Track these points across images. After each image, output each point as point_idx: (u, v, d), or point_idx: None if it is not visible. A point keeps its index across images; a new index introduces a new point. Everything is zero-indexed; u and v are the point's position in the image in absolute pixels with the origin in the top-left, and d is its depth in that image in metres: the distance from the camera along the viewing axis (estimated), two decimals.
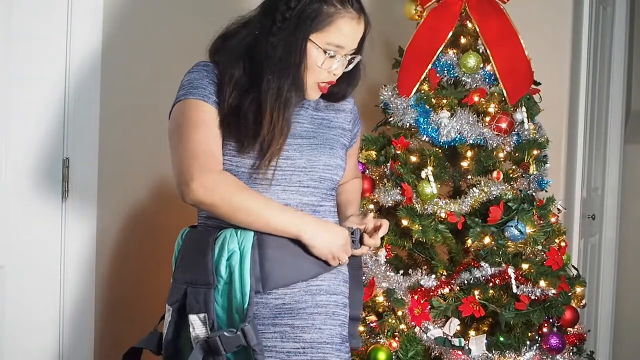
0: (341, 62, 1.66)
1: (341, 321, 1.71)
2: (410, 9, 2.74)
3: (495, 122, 2.52)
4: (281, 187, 1.65)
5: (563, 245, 2.58)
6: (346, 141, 1.80)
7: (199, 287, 1.59)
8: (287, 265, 1.63)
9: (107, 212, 2.33)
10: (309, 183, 1.68)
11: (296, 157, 1.66)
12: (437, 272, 2.53)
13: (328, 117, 1.78)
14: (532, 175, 2.53)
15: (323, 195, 1.71)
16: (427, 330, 2.39)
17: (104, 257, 2.33)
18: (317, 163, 1.68)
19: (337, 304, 1.70)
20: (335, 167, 1.72)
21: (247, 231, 1.60)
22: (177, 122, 1.63)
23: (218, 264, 1.59)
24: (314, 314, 1.66)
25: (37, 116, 2.17)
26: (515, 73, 2.56)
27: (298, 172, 1.66)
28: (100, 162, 2.29)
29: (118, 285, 2.38)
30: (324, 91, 1.70)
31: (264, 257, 1.60)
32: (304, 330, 1.64)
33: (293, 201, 1.66)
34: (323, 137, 1.73)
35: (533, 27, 2.86)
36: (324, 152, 1.70)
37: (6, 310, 2.13)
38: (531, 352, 2.38)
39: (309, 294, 1.66)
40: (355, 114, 1.86)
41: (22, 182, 2.15)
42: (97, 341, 2.33)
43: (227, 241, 1.59)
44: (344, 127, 1.80)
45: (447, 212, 2.45)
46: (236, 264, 1.58)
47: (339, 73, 1.68)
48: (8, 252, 2.13)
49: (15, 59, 2.10)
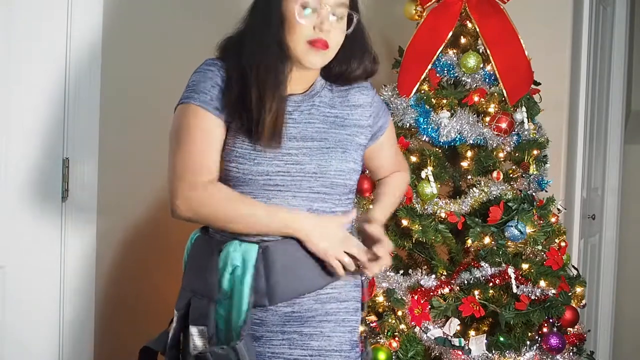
0: (326, 16, 1.55)
1: (351, 327, 1.67)
2: (410, 9, 2.74)
3: (495, 122, 2.52)
4: (291, 193, 1.59)
5: (563, 245, 2.58)
6: (363, 140, 1.70)
7: (202, 298, 1.57)
8: (294, 277, 1.58)
9: (107, 212, 2.33)
10: (320, 189, 1.61)
11: (305, 162, 1.59)
12: (437, 272, 2.53)
13: (342, 114, 1.68)
14: (532, 175, 2.53)
15: (336, 201, 1.64)
16: (427, 330, 2.39)
17: (103, 257, 2.33)
18: (328, 169, 1.60)
19: (348, 310, 1.66)
20: (348, 172, 1.63)
21: (251, 244, 1.56)
22: (175, 127, 1.61)
23: (221, 278, 1.55)
24: (323, 322, 1.62)
25: (37, 116, 2.17)
26: (515, 73, 2.56)
27: (308, 177, 1.59)
28: (100, 162, 2.29)
29: (118, 285, 2.38)
30: (324, 47, 1.56)
31: (270, 269, 1.55)
32: (312, 338, 1.61)
33: (303, 207, 1.59)
34: (335, 139, 1.63)
35: (533, 27, 2.86)
36: (335, 157, 1.61)
37: (6, 310, 2.13)
38: (531, 352, 2.38)
39: (318, 302, 1.62)
40: (377, 106, 1.74)
41: (22, 182, 2.15)
42: (97, 341, 2.32)
43: (231, 256, 1.55)
44: (360, 124, 1.69)
45: (447, 212, 2.45)
46: (238, 277, 1.54)
47: (328, 28, 1.55)
48: (8, 252, 2.13)
49: (15, 59, 2.10)
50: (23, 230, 2.15)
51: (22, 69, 2.12)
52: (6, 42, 2.08)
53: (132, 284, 2.42)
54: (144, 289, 2.45)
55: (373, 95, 1.74)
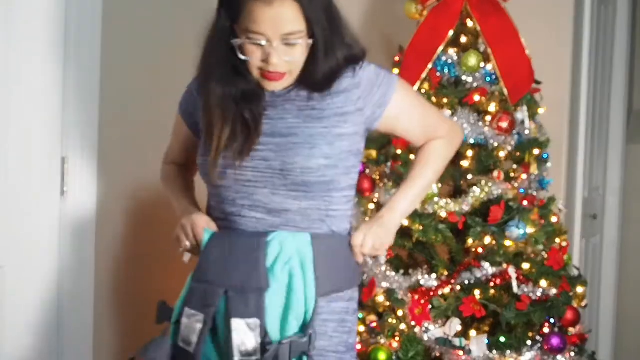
0: (272, 53, 1.49)
1: (349, 328, 1.63)
2: (410, 7, 2.73)
3: (496, 121, 2.52)
4: (269, 190, 1.56)
5: (564, 245, 2.57)
6: (349, 128, 1.58)
7: (248, 291, 1.50)
8: (338, 271, 1.58)
9: (106, 211, 2.32)
10: (294, 187, 1.55)
11: (271, 159, 1.55)
12: (438, 272, 2.52)
13: (321, 105, 1.57)
14: (533, 174, 2.53)
15: (330, 199, 1.58)
16: (427, 331, 2.39)
17: (102, 257, 2.32)
18: (294, 166, 1.54)
19: (348, 310, 1.63)
20: (317, 169, 1.54)
21: (303, 233, 1.55)
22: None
23: (273, 269, 1.51)
24: (328, 320, 1.59)
25: (35, 115, 2.17)
26: (516, 72, 2.56)
27: (277, 174, 1.55)
28: (99, 160, 2.29)
29: (117, 285, 2.38)
30: (276, 79, 1.53)
31: (318, 262, 1.54)
32: (317, 337, 1.55)
33: (292, 206, 1.56)
34: (306, 134, 1.55)
35: (534, 26, 2.85)
36: (300, 153, 1.53)
37: (6, 310, 2.13)
38: (532, 352, 2.38)
39: (325, 300, 1.57)
40: (369, 82, 1.59)
41: (20, 181, 2.14)
42: (97, 341, 2.32)
43: (284, 245, 1.53)
44: (344, 112, 1.57)
45: (447, 211, 2.45)
46: (297, 268, 1.51)
47: (276, 62, 1.49)
48: (7, 252, 2.13)
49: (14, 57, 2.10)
50: (22, 229, 2.15)
51: (21, 67, 2.12)
52: (5, 42, 2.08)
53: (131, 283, 2.42)
54: (144, 288, 2.44)
55: (361, 74, 1.59)
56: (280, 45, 1.49)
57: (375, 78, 1.61)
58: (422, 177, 1.71)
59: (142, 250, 2.44)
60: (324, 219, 1.59)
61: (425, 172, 1.72)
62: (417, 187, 1.71)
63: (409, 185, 1.70)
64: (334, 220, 1.61)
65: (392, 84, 1.62)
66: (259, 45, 1.50)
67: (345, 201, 1.63)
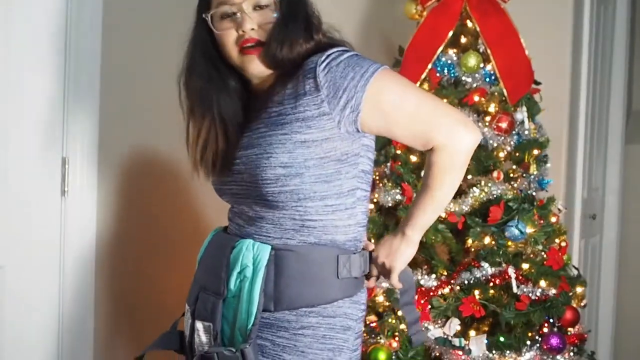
0: (244, 17, 1.49)
1: (334, 345, 1.51)
2: (410, 8, 2.74)
3: (495, 121, 2.52)
4: (251, 200, 1.53)
5: (563, 245, 2.57)
6: (311, 134, 1.44)
7: (210, 294, 1.53)
8: (305, 285, 1.49)
9: (107, 212, 2.33)
10: (265, 198, 1.48)
11: (243, 171, 1.51)
12: (437, 272, 2.53)
13: (286, 109, 1.46)
14: (532, 175, 2.53)
15: (304, 209, 1.48)
16: (427, 330, 2.39)
17: (103, 257, 2.33)
18: (256, 178, 1.47)
19: (332, 326, 1.51)
20: (276, 179, 1.45)
21: (265, 245, 1.49)
22: None
23: (230, 276, 1.50)
24: (298, 335, 1.50)
25: (36, 115, 2.17)
26: (516, 72, 2.56)
27: (251, 186, 1.50)
28: (100, 161, 2.29)
29: (118, 285, 2.38)
30: (253, 52, 1.49)
31: (281, 274, 1.48)
32: (285, 350, 1.49)
33: (267, 214, 1.51)
34: (266, 143, 1.47)
35: (534, 27, 2.86)
36: (259, 164, 1.46)
37: (6, 310, 2.13)
38: (531, 352, 2.38)
39: (293, 313, 1.50)
40: (332, 84, 1.42)
41: (21, 181, 2.14)
42: (97, 340, 2.32)
43: (243, 253, 1.50)
44: (306, 117, 1.44)
45: (447, 212, 2.45)
46: (247, 280, 1.48)
47: (249, 26, 1.48)
48: (8, 252, 2.13)
49: (14, 58, 2.10)
50: (23, 230, 2.15)
51: (22, 68, 2.12)
52: (5, 42, 2.08)
53: (132, 283, 2.42)
54: (144, 288, 2.44)
55: (322, 76, 1.42)
56: (251, 10, 1.50)
57: (341, 80, 1.41)
58: (423, 203, 1.57)
59: (142, 250, 2.44)
60: (298, 229, 1.50)
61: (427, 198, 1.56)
62: (421, 215, 1.59)
63: (413, 213, 1.60)
64: (313, 231, 1.50)
65: (362, 86, 1.42)
66: (231, 18, 1.51)
67: (332, 210, 1.50)
